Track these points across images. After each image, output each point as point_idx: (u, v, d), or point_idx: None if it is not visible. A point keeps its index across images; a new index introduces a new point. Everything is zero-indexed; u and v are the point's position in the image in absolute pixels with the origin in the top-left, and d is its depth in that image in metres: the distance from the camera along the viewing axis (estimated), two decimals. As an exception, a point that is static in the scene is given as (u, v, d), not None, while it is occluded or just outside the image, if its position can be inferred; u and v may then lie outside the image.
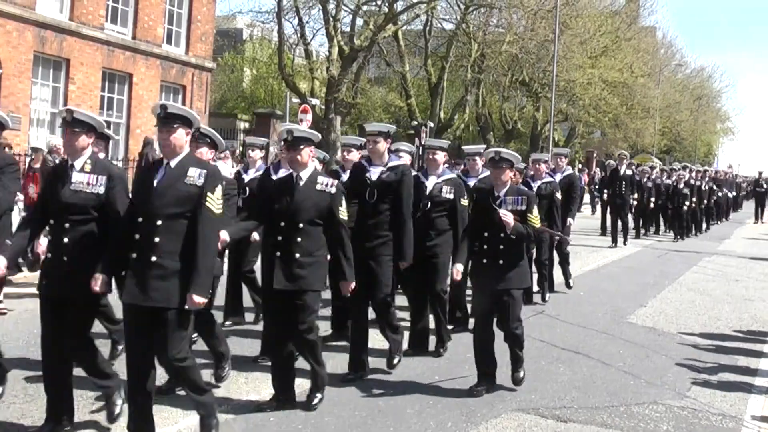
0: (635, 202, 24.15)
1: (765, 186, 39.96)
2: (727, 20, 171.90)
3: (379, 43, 39.68)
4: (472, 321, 9.18)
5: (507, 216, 7.66)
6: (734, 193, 41.86)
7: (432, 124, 39.98)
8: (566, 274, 14.68)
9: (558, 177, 14.20)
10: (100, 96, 24.73)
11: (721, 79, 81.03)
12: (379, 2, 38.82)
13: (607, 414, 7.58)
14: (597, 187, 32.43)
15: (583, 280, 16.11)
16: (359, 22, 40.21)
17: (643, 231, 26.69)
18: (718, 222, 34.68)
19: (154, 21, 26.43)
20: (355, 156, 9.83)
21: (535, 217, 7.96)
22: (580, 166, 49.85)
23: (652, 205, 26.24)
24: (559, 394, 8.11)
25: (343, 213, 7.19)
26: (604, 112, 49.84)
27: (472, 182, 10.85)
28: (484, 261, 7.92)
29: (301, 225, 6.97)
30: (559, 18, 38.22)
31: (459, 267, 8.19)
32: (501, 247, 7.84)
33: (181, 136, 6.08)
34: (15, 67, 21.89)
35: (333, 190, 7.10)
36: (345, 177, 9.45)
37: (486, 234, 7.91)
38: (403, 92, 45.71)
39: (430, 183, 9.42)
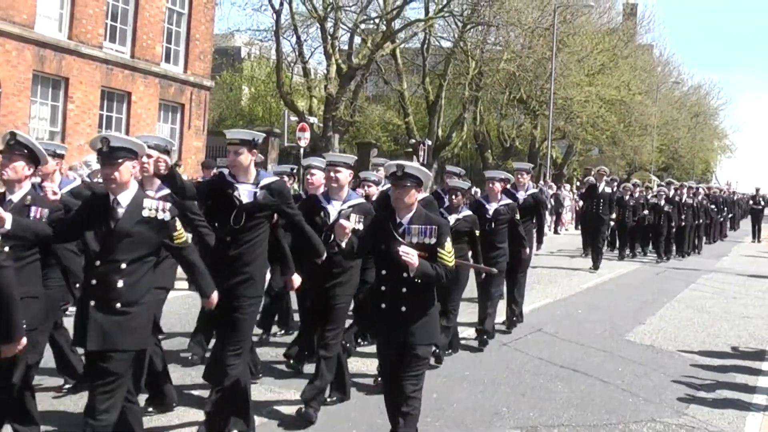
0: (612, 222, 22.76)
1: (762, 203, 38.83)
2: (725, 38, 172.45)
3: (377, 61, 39.82)
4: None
5: (408, 255, 5.78)
6: (728, 213, 38.46)
7: (430, 142, 40.09)
8: (511, 316, 12.31)
9: (521, 196, 12.31)
10: (99, 114, 24.76)
11: (718, 96, 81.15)
12: (377, 21, 38.98)
13: (606, 432, 7.58)
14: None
15: (581, 297, 16.14)
16: (357, 40, 40.37)
17: (629, 252, 25.01)
18: (713, 242, 32.93)
19: (153, 39, 26.50)
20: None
21: (447, 253, 6.03)
22: (578, 183, 49.83)
23: (635, 223, 24.59)
24: (558, 411, 8.10)
25: (179, 237, 5.79)
26: (602, 130, 49.95)
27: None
28: (383, 306, 6.15)
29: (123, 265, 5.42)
30: (556, 36, 38.40)
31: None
32: (403, 289, 6.05)
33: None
34: (14, 86, 21.94)
35: (166, 216, 5.60)
36: None
37: (384, 272, 6.16)
38: (401, 110, 45.80)
39: (334, 209, 7.85)
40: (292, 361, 9.16)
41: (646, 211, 24.53)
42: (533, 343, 11.25)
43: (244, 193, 6.77)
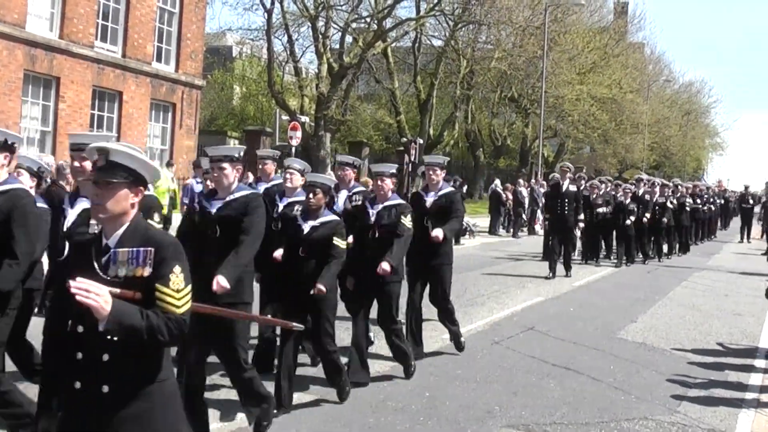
0: (582, 224, 20.07)
1: (752, 202, 37.29)
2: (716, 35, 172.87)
3: (368, 60, 39.89)
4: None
5: (87, 293, 3.48)
6: (716, 211, 36.32)
7: (421, 141, 40.05)
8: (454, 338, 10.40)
9: (430, 198, 10.01)
10: (90, 114, 24.72)
11: (709, 94, 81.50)
12: (368, 19, 38.98)
13: (598, 430, 7.58)
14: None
15: (573, 295, 16.16)
16: (348, 39, 40.43)
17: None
18: (698, 242, 30.83)
19: (144, 39, 26.46)
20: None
21: (173, 294, 3.72)
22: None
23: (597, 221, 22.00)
24: (550, 410, 8.11)
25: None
26: (593, 128, 50.12)
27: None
28: (77, 386, 3.75)
29: None
30: (547, 34, 38.44)
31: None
32: (104, 356, 3.71)
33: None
34: (5, 86, 21.89)
35: None
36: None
37: (80, 327, 3.77)
38: (392, 109, 45.88)
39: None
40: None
41: (604, 208, 22.02)
42: (525, 341, 11.26)
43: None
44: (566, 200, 18.69)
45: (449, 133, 46.37)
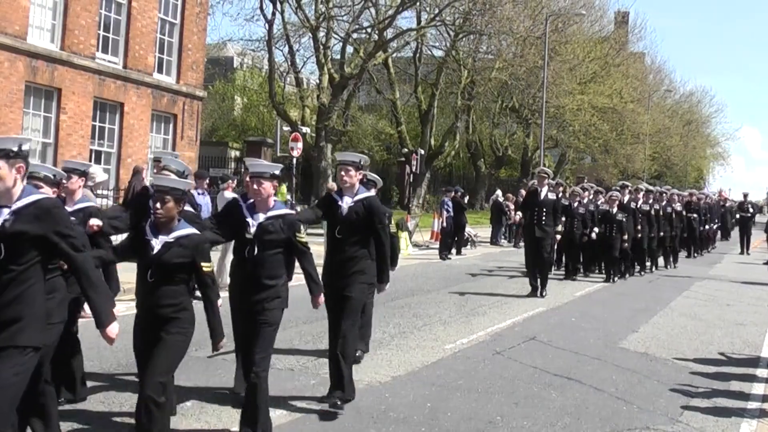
0: (558, 236, 18.02)
1: (751, 210, 35.62)
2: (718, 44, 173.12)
3: (369, 70, 39.95)
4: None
5: None
6: (715, 223, 33.97)
7: (423, 152, 40.16)
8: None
9: (345, 204, 8.38)
10: (92, 125, 24.72)
11: (710, 104, 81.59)
12: (369, 30, 39.06)
13: (600, 440, 7.57)
14: None
15: (574, 305, 16.14)
16: (349, 49, 40.50)
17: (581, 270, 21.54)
18: (695, 255, 29.36)
19: (145, 50, 26.48)
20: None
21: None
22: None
23: (586, 237, 20.73)
24: (551, 420, 8.09)
25: None
26: (594, 138, 50.16)
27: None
28: None
29: None
30: (548, 44, 38.52)
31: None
32: None
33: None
34: (6, 97, 21.90)
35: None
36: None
37: None
38: (393, 119, 45.94)
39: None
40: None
41: (596, 229, 20.62)
42: (527, 351, 11.24)
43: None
44: (544, 210, 16.99)
45: (450, 144, 46.42)
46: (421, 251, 27.54)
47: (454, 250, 26.55)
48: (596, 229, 20.63)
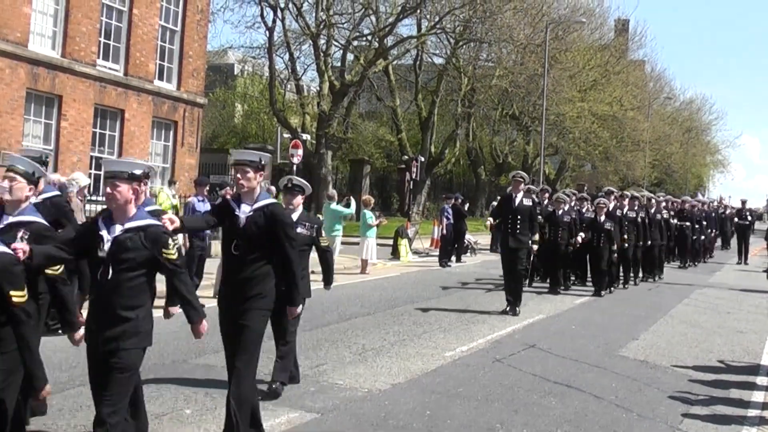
0: (535, 246, 16.27)
1: (749, 218, 34.32)
2: (718, 53, 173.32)
3: (369, 77, 39.99)
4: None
5: None
6: (712, 231, 32.23)
7: (423, 159, 40.17)
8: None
9: (242, 214, 7.05)
10: (92, 132, 24.75)
11: (710, 111, 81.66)
12: (369, 37, 39.14)
13: (600, 448, 7.58)
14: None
15: (575, 313, 16.14)
16: (350, 57, 40.57)
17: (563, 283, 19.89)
18: (687, 266, 28.08)
19: (146, 57, 26.52)
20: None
21: None
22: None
23: (572, 247, 19.50)
24: (551, 427, 8.09)
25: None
26: (594, 145, 50.19)
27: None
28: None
29: None
30: (548, 52, 38.55)
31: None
32: None
33: None
34: (7, 104, 21.93)
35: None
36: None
37: None
38: (393, 127, 46.00)
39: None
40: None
41: (582, 234, 19.25)
42: (527, 359, 11.24)
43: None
44: (518, 217, 15.50)
45: (450, 151, 46.47)
46: (421, 258, 27.57)
47: (454, 258, 26.56)
48: (582, 234, 19.22)
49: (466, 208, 28.09)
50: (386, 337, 12.31)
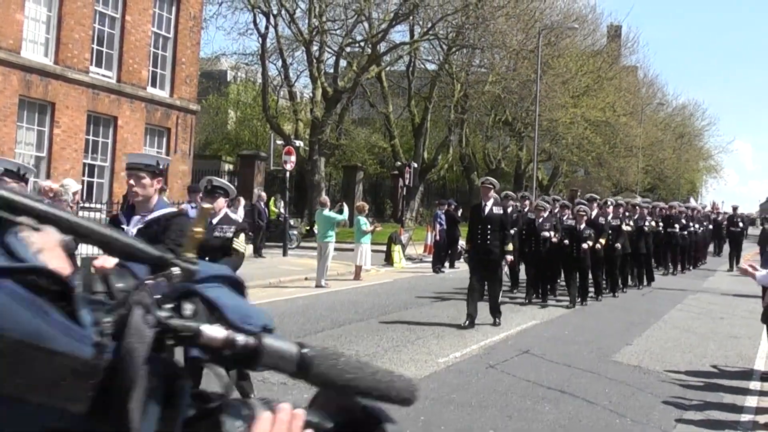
0: (509, 257, 15.40)
1: (741, 224, 33.88)
2: (711, 58, 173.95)
3: (362, 84, 40.07)
4: None
5: None
6: (702, 237, 31.14)
7: (416, 165, 40.19)
8: None
9: (133, 226, 6.08)
10: (85, 139, 24.73)
11: (702, 117, 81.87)
12: (362, 44, 39.19)
13: (594, 453, 7.58)
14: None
15: (568, 318, 16.15)
16: (343, 63, 40.59)
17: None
18: (674, 273, 27.47)
19: (139, 64, 26.52)
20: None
21: None
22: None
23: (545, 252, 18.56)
24: (545, 433, 8.10)
25: None
26: (587, 151, 50.26)
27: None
28: None
29: None
30: (541, 58, 38.62)
31: None
32: None
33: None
34: (0, 112, 21.92)
35: None
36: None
37: None
38: (386, 133, 46.02)
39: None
40: None
41: (548, 233, 18.47)
42: (520, 364, 11.24)
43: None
44: (488, 226, 14.51)
45: (443, 157, 46.51)
46: (415, 265, 27.57)
47: (447, 264, 26.57)
48: (553, 232, 18.34)
49: (459, 214, 28.10)
50: (380, 344, 12.31)
